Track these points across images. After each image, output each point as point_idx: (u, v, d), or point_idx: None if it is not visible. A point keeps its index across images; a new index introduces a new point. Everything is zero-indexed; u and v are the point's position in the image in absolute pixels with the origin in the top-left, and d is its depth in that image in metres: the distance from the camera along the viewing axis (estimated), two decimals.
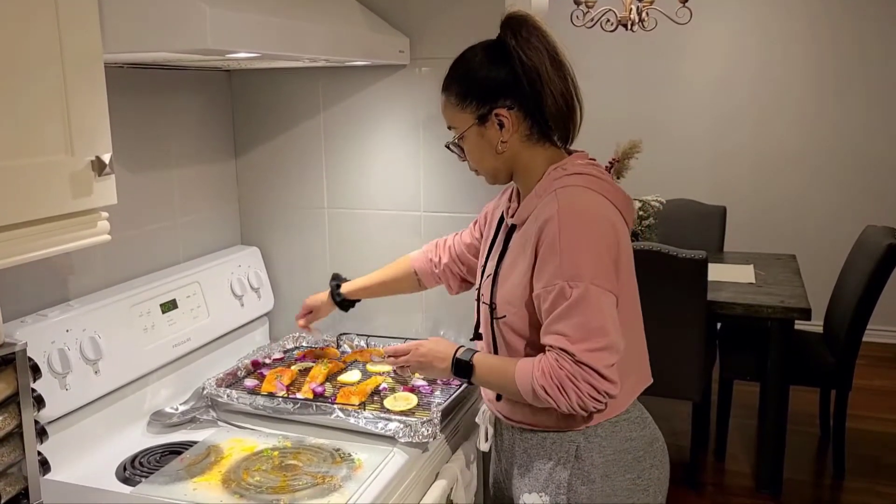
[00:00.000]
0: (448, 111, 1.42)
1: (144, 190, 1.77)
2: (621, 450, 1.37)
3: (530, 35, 1.33)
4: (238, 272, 1.97)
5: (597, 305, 1.26)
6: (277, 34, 1.36)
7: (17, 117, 0.96)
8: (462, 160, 1.47)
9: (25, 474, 1.17)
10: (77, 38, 1.02)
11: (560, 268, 1.26)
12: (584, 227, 1.28)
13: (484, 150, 1.40)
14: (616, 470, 1.37)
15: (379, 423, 1.53)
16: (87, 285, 1.62)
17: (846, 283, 3.36)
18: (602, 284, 1.26)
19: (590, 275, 1.25)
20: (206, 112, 1.98)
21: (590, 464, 1.36)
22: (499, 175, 1.44)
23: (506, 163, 1.41)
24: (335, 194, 2.04)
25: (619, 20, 3.85)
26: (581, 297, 1.25)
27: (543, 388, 1.27)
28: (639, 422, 1.41)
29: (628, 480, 1.37)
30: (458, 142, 1.43)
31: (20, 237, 0.98)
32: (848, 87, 4.82)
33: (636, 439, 1.39)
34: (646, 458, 1.40)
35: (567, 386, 1.25)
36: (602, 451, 1.37)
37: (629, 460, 1.38)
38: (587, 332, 1.25)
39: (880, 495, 3.14)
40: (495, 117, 1.36)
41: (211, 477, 1.40)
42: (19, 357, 1.15)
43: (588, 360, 1.24)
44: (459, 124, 1.40)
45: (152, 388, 1.69)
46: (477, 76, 1.37)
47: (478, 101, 1.37)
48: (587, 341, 1.25)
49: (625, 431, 1.38)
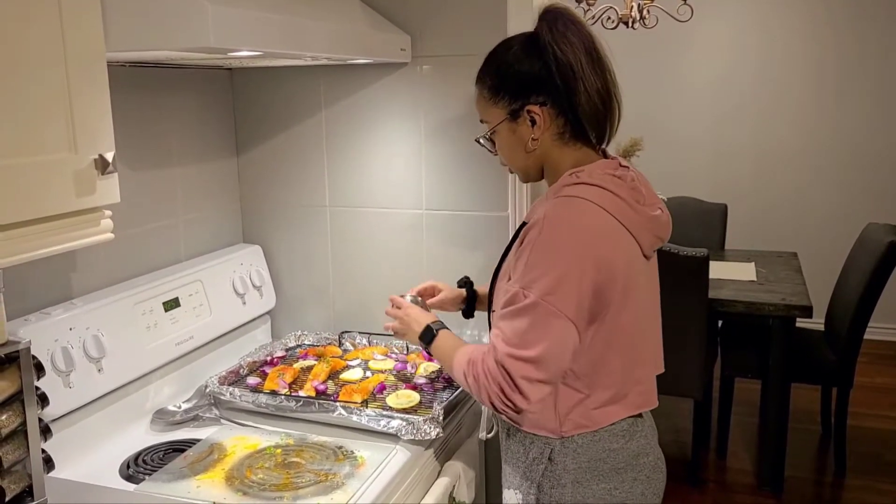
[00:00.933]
0: (480, 104, 1.38)
1: (146, 188, 1.78)
2: (597, 459, 1.33)
3: (566, 29, 1.28)
4: (240, 270, 1.97)
5: (542, 322, 1.21)
6: (279, 32, 1.36)
7: (20, 116, 0.96)
8: (493, 155, 1.45)
9: (29, 472, 1.18)
10: (80, 36, 1.03)
11: (523, 274, 1.23)
12: (562, 243, 1.23)
13: (515, 147, 1.36)
14: (589, 478, 1.33)
15: (381, 421, 1.53)
16: (90, 284, 1.62)
17: (847, 281, 3.36)
18: (555, 305, 1.21)
19: (544, 291, 1.21)
20: (208, 110, 1.98)
21: (562, 468, 1.33)
22: (530, 173, 1.41)
23: (536, 161, 1.37)
24: (337, 192, 2.04)
25: (620, 18, 3.85)
26: (530, 306, 1.22)
27: (465, 375, 1.31)
28: (623, 434, 1.34)
29: (602, 490, 1.33)
30: (489, 136, 1.40)
31: (24, 236, 0.99)
32: (849, 84, 4.82)
33: (618, 451, 1.34)
34: (628, 470, 1.34)
35: (480, 379, 1.26)
36: (576, 457, 1.33)
37: (605, 470, 1.33)
38: (520, 341, 1.22)
39: (881, 493, 3.15)
40: (527, 113, 1.32)
41: (214, 475, 1.40)
42: (23, 355, 1.15)
43: (507, 364, 1.22)
44: (491, 119, 1.37)
45: (155, 387, 1.70)
46: (510, 70, 1.32)
47: (510, 95, 1.32)
48: (515, 347, 1.22)
49: (605, 442, 1.33)
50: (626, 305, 1.28)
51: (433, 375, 1.78)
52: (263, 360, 1.87)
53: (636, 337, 1.34)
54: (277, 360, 1.88)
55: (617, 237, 1.27)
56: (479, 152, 1.84)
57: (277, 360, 1.88)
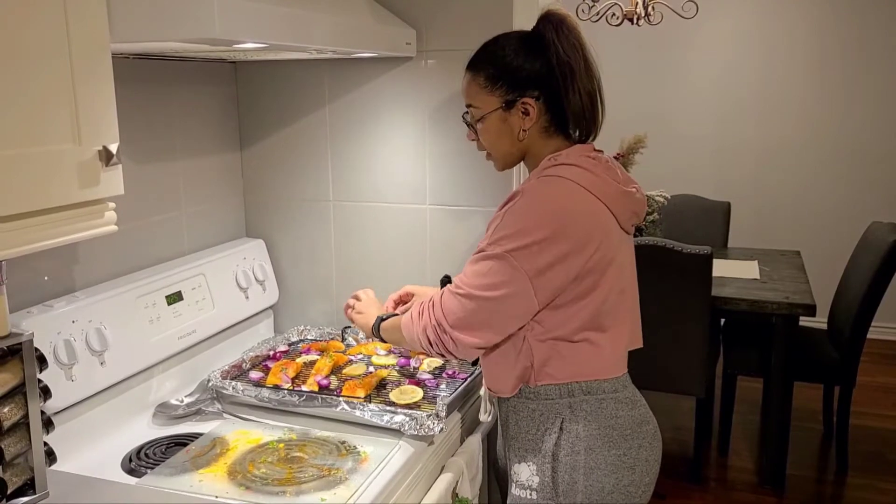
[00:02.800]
0: (472, 90, 1.43)
1: (150, 181, 1.77)
2: (607, 426, 1.40)
3: (570, 33, 1.38)
4: (243, 264, 1.97)
5: (496, 277, 1.30)
6: (285, 24, 1.35)
7: (23, 106, 0.95)
8: (471, 139, 1.49)
9: (31, 465, 1.18)
10: (84, 26, 1.02)
11: (493, 233, 1.33)
12: (536, 211, 1.31)
13: (503, 135, 1.43)
14: (600, 444, 1.39)
15: (384, 416, 1.53)
16: (93, 276, 1.61)
17: (851, 280, 3.35)
18: (518, 261, 1.29)
19: (511, 248, 1.29)
20: (212, 103, 1.98)
21: (574, 436, 1.39)
22: (510, 160, 1.48)
23: (521, 150, 1.45)
24: (341, 187, 2.03)
25: (624, 14, 3.84)
26: (495, 256, 1.30)
27: (411, 318, 1.41)
28: (627, 402, 1.43)
29: (613, 456, 1.40)
30: (475, 122, 1.45)
31: (27, 227, 0.98)
32: (853, 82, 4.81)
33: (623, 417, 1.41)
34: (633, 437, 1.42)
35: (424, 316, 1.38)
36: (587, 424, 1.39)
37: (615, 437, 1.40)
38: (467, 288, 1.33)
39: (883, 491, 3.14)
40: (522, 105, 1.39)
41: (216, 469, 1.40)
42: (26, 347, 1.15)
43: (447, 300, 1.35)
44: (483, 105, 1.42)
45: (157, 380, 1.69)
46: (512, 63, 1.39)
47: (508, 86, 1.39)
48: (460, 289, 1.34)
49: (611, 409, 1.40)
50: (603, 276, 1.35)
51: (436, 371, 1.78)
52: (266, 354, 1.87)
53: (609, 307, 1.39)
54: (280, 355, 1.88)
55: (594, 210, 1.34)
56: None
57: (280, 355, 1.88)
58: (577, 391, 1.39)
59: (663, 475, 3.24)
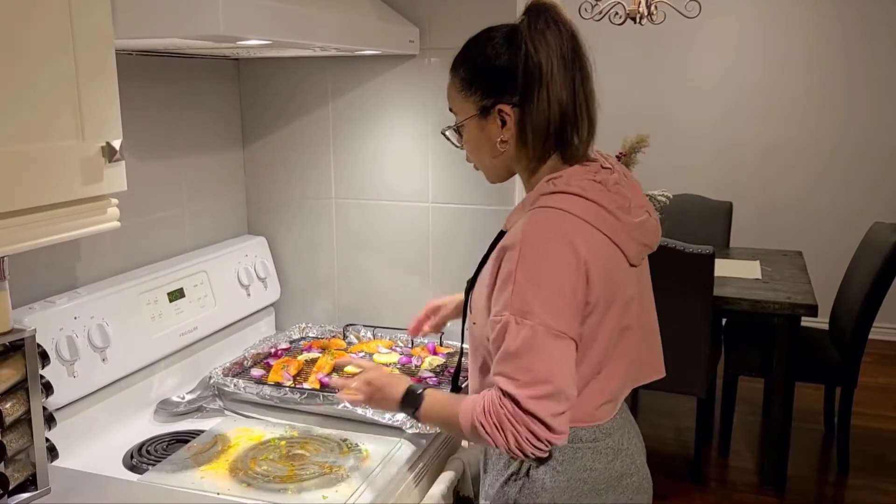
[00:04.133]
0: (452, 93, 1.28)
1: (152, 178, 1.77)
2: (577, 479, 1.23)
3: (546, 27, 1.17)
4: (245, 262, 1.97)
5: (545, 350, 1.12)
6: (289, 21, 1.35)
7: (27, 102, 0.95)
8: (458, 148, 1.33)
9: (33, 460, 1.18)
10: (88, 22, 1.02)
11: (512, 300, 1.13)
12: (546, 259, 1.13)
13: (482, 146, 1.26)
14: (566, 498, 1.23)
15: (386, 414, 1.52)
16: (95, 273, 1.61)
17: (852, 280, 3.35)
18: (554, 327, 1.12)
19: (540, 315, 1.12)
20: (214, 101, 1.98)
21: (539, 486, 1.24)
22: (498, 174, 1.31)
23: (504, 163, 1.27)
24: (343, 184, 2.03)
25: (627, 13, 3.83)
26: (529, 338, 1.12)
27: (482, 425, 1.15)
28: (607, 452, 1.26)
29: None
30: (456, 129, 1.29)
31: (30, 223, 0.98)
32: (856, 82, 4.80)
33: (599, 471, 1.25)
34: (608, 491, 1.25)
35: (506, 426, 1.13)
36: (554, 475, 1.23)
37: (585, 490, 1.24)
38: (532, 378, 1.12)
39: (884, 493, 3.14)
40: (498, 113, 1.21)
41: (218, 465, 1.40)
42: (28, 343, 1.15)
43: (532, 407, 1.11)
44: (460, 111, 1.27)
45: (159, 377, 1.69)
46: (486, 64, 1.22)
47: (482, 91, 1.22)
48: (531, 387, 1.12)
49: (586, 460, 1.24)
50: (603, 318, 1.20)
51: (438, 369, 1.77)
52: (268, 351, 1.87)
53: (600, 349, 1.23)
54: (281, 353, 1.88)
55: (597, 248, 1.17)
56: None
57: (281, 353, 1.88)
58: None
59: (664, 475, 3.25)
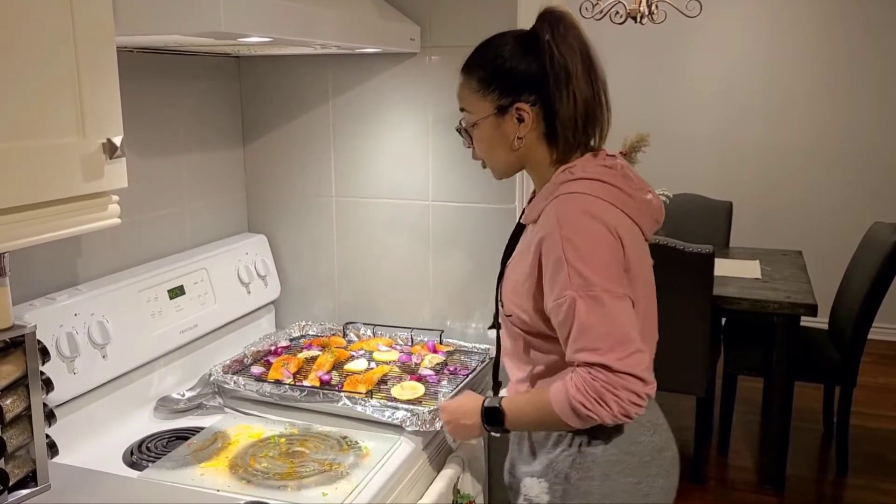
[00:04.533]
0: (465, 94, 1.37)
1: (153, 175, 1.77)
2: (626, 452, 1.32)
3: (567, 32, 1.29)
4: (245, 259, 1.97)
5: (614, 312, 1.21)
6: (290, 18, 1.35)
7: (29, 99, 0.95)
8: (468, 146, 1.42)
9: (33, 457, 1.18)
10: (89, 18, 1.02)
11: (570, 279, 1.21)
12: (586, 235, 1.23)
13: (497, 143, 1.35)
14: (617, 471, 1.32)
15: (386, 412, 1.53)
16: (95, 270, 1.61)
17: (852, 280, 3.35)
18: (615, 290, 1.21)
19: (601, 282, 1.20)
20: (215, 98, 1.98)
21: (591, 460, 1.32)
22: (507, 170, 1.40)
23: (518, 159, 1.37)
24: (343, 182, 2.03)
25: (628, 13, 3.83)
26: (597, 307, 1.20)
27: (583, 405, 1.20)
28: (649, 426, 1.36)
29: (629, 484, 1.32)
30: (469, 128, 1.38)
31: (31, 219, 0.98)
32: (858, 83, 4.80)
33: (644, 444, 1.34)
34: (652, 464, 1.35)
35: (607, 397, 1.19)
36: (605, 449, 1.32)
37: (633, 463, 1.33)
38: (614, 342, 1.20)
39: (883, 492, 3.14)
40: (516, 111, 1.31)
41: (218, 462, 1.40)
42: (28, 340, 1.15)
43: (625, 367, 1.19)
44: (476, 111, 1.35)
45: (159, 374, 1.69)
46: (504, 66, 1.31)
47: (500, 91, 1.31)
48: (617, 350, 1.19)
49: (633, 434, 1.33)
50: (634, 289, 1.28)
51: (438, 367, 1.78)
52: (268, 349, 1.87)
53: (646, 322, 1.34)
54: (281, 350, 1.88)
55: (621, 224, 1.27)
56: None
57: (281, 350, 1.88)
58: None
59: None
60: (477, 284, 1.94)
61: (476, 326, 1.96)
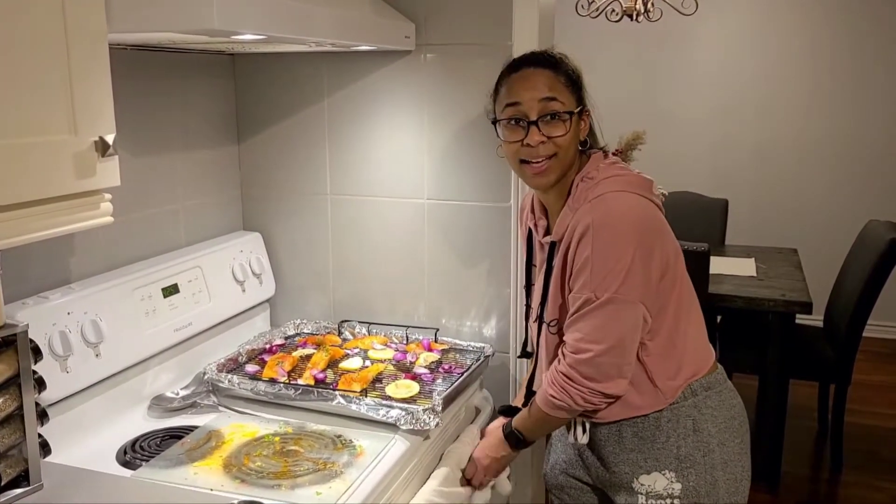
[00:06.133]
0: (559, 86, 1.41)
1: (146, 173, 1.76)
2: (729, 416, 1.46)
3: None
4: (240, 257, 1.96)
5: (616, 314, 1.33)
6: (284, 16, 1.34)
7: (20, 96, 0.95)
8: (562, 133, 1.39)
9: (26, 456, 1.17)
10: (82, 16, 1.01)
11: (590, 280, 1.33)
12: (616, 239, 1.32)
13: (574, 139, 1.43)
14: (728, 436, 1.45)
15: (380, 411, 1.52)
16: (89, 268, 1.61)
17: (847, 278, 3.35)
18: (627, 296, 1.32)
19: (615, 287, 1.32)
20: (210, 96, 1.97)
21: (707, 434, 1.43)
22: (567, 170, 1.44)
23: (573, 160, 1.45)
24: (338, 181, 2.03)
25: (624, 10, 3.83)
26: (604, 303, 1.33)
27: (553, 397, 1.39)
28: (733, 390, 1.51)
29: (738, 445, 1.46)
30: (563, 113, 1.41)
31: (22, 217, 0.97)
32: (852, 80, 4.80)
33: (736, 407, 1.49)
34: (744, 422, 1.50)
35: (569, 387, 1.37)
36: (714, 420, 1.44)
37: (736, 426, 1.46)
38: (602, 335, 1.34)
39: (878, 489, 3.15)
40: (585, 114, 1.44)
41: (212, 462, 1.40)
42: (20, 339, 1.14)
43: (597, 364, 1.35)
44: (567, 103, 1.41)
45: (153, 373, 1.69)
46: (575, 75, 1.44)
47: (578, 96, 1.43)
48: (599, 343, 1.34)
49: (728, 398, 1.47)
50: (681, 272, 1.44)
51: (433, 366, 1.77)
52: (262, 347, 1.86)
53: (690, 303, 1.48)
54: (276, 348, 1.87)
55: (656, 212, 1.40)
56: (482, 142, 1.84)
57: (276, 348, 1.87)
58: (699, 389, 1.44)
59: None
60: (472, 283, 1.93)
61: (471, 325, 1.96)
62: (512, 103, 1.41)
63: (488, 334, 1.95)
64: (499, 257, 1.89)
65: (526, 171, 1.43)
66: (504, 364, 1.93)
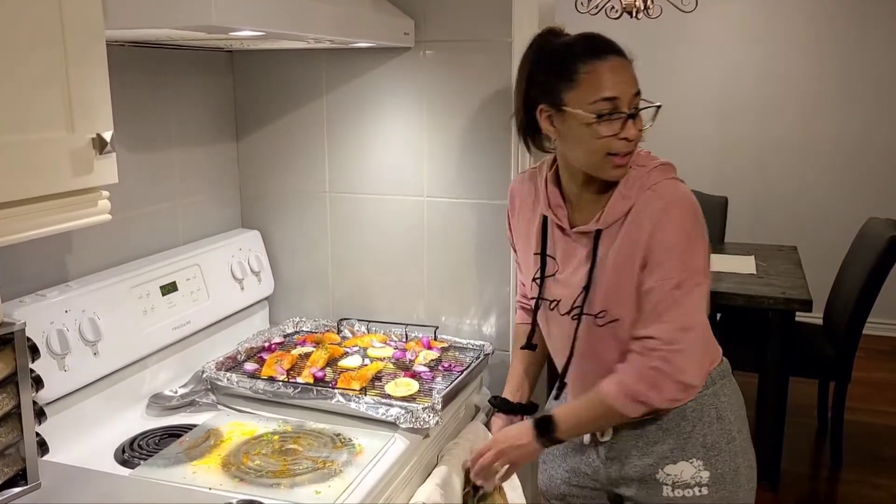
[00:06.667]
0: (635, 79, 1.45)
1: (145, 171, 1.76)
2: (740, 405, 1.50)
3: None
4: (238, 255, 1.96)
5: (700, 299, 1.35)
6: (283, 12, 1.34)
7: (17, 93, 0.94)
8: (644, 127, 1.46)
9: (23, 455, 1.16)
10: (79, 12, 1.01)
11: (679, 265, 1.32)
12: (694, 224, 1.35)
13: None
14: (742, 424, 1.48)
15: (380, 409, 1.52)
16: (87, 266, 1.60)
17: (847, 276, 3.35)
18: (708, 279, 1.37)
19: (702, 270, 1.35)
20: (208, 93, 1.96)
21: (729, 423, 1.45)
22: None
23: None
24: (337, 178, 2.02)
25: (623, 7, 3.83)
26: (693, 287, 1.33)
27: (640, 392, 1.33)
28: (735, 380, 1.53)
29: (747, 433, 1.50)
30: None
31: (20, 215, 0.97)
32: (852, 78, 4.80)
33: (743, 394, 1.53)
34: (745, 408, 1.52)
35: (664, 382, 1.32)
36: (732, 408, 1.47)
37: (744, 415, 1.50)
38: (691, 321, 1.33)
39: (877, 487, 3.15)
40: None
41: (210, 460, 1.39)
42: (18, 337, 1.14)
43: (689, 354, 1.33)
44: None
45: (151, 371, 1.68)
46: None
47: None
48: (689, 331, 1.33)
49: (738, 387, 1.51)
50: None
51: (432, 364, 1.77)
52: (261, 346, 1.86)
53: None
54: (275, 347, 1.87)
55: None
56: (481, 140, 1.83)
57: (275, 347, 1.87)
58: (717, 377, 1.46)
59: None
60: (472, 280, 1.93)
61: (471, 322, 1.95)
62: (610, 98, 1.38)
63: (488, 332, 1.94)
64: (498, 255, 1.88)
65: (609, 163, 1.38)
66: (504, 362, 1.92)
